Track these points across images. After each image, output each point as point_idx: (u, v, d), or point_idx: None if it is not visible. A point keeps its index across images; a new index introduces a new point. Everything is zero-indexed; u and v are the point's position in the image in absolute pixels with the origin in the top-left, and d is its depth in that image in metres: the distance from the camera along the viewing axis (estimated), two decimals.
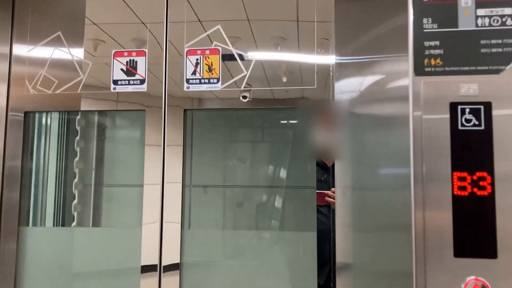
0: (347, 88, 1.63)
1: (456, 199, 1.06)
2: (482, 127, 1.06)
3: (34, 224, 2.16)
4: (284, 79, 1.89)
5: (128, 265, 2.04)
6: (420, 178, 1.08)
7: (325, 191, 1.77)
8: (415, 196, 1.08)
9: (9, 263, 1.98)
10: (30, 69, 2.04)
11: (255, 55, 1.91)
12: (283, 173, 2.15)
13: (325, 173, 1.93)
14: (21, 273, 2.03)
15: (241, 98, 1.90)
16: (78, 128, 2.27)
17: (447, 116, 1.09)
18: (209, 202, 2.17)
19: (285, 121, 2.21)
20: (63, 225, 2.24)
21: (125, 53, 2.00)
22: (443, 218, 1.07)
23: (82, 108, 2.04)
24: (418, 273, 1.06)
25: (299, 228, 2.08)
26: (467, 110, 1.07)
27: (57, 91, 2.01)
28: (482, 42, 1.07)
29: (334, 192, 1.69)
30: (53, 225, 2.22)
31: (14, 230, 1.99)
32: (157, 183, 1.93)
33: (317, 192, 1.88)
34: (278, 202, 2.14)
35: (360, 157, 1.45)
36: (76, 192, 2.24)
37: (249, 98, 1.89)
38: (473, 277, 1.06)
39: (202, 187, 2.14)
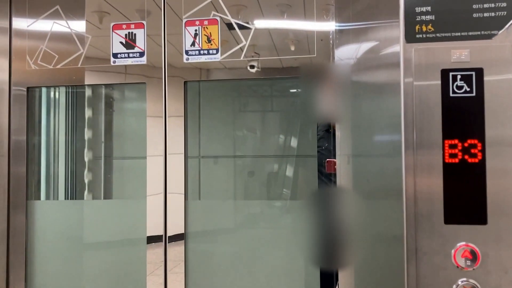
0: (346, 55, 1.62)
1: (447, 167, 1.07)
2: (474, 94, 1.05)
3: (42, 198, 2.20)
4: (292, 48, 1.87)
5: (134, 235, 2.08)
6: (411, 145, 1.08)
7: (334, 159, 1.78)
8: (406, 163, 1.08)
9: (19, 236, 2.02)
10: (31, 43, 2.04)
11: (255, 24, 1.89)
12: (293, 142, 2.15)
13: (328, 140, 1.93)
14: (31, 245, 2.09)
15: (248, 68, 1.88)
16: (84, 102, 2.28)
17: (438, 83, 1.08)
18: (218, 173, 2.18)
19: (293, 90, 2.20)
20: (70, 198, 2.28)
21: (124, 26, 1.99)
22: (434, 185, 1.07)
23: (85, 82, 2.05)
24: (409, 238, 1.08)
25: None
26: (459, 77, 1.06)
27: (58, 66, 2.02)
28: (475, 6, 1.05)
29: None
30: (61, 198, 2.25)
31: (22, 203, 2.03)
32: (159, 155, 1.95)
33: (327, 161, 1.89)
34: (289, 171, 2.15)
35: (357, 124, 1.44)
36: (83, 165, 2.27)
37: (258, 68, 1.88)
38: (463, 243, 1.07)
39: (212, 157, 2.16)
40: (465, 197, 1.06)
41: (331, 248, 1.71)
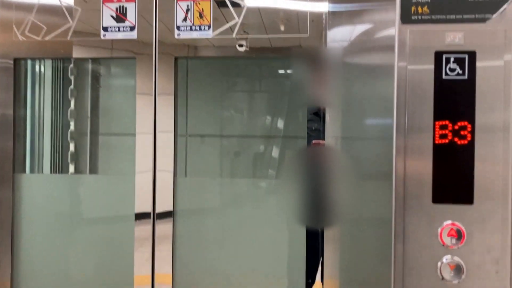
0: (339, 37, 1.62)
1: (437, 148, 1.09)
2: (466, 77, 1.07)
3: (29, 171, 2.18)
4: (282, 28, 1.86)
5: (123, 212, 2.09)
6: (403, 128, 1.10)
7: (321, 141, 1.79)
8: (396, 145, 1.10)
9: (5, 209, 2.01)
10: (18, 14, 1.99)
11: (247, 2, 1.87)
12: (280, 123, 2.16)
13: (317, 122, 1.94)
14: (17, 219, 2.08)
15: (237, 46, 1.87)
16: (71, 76, 2.25)
17: (432, 66, 1.09)
18: (205, 151, 2.19)
19: (282, 71, 2.20)
20: (58, 172, 2.27)
21: None
22: (423, 166, 1.09)
23: (73, 56, 2.02)
24: (397, 217, 1.10)
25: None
26: (452, 59, 1.07)
27: (47, 38, 1.99)
28: None
29: None
30: (49, 172, 2.24)
31: (9, 177, 2.01)
32: (149, 132, 1.94)
33: (313, 142, 1.90)
34: (275, 152, 2.16)
35: (348, 106, 1.46)
36: (71, 140, 2.25)
37: (246, 47, 1.87)
38: (449, 221, 1.10)
39: (198, 136, 2.16)
40: (453, 177, 1.08)
41: (317, 227, 1.74)
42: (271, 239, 2.00)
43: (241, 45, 1.86)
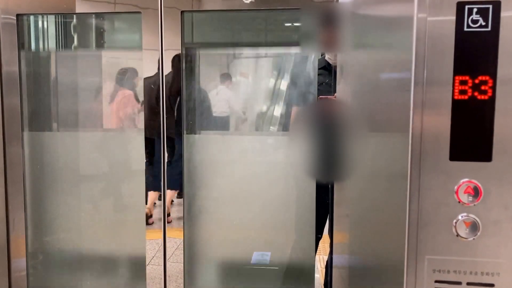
0: None
1: (456, 103, 1.05)
2: (489, 28, 1.02)
3: (38, 129, 2.17)
4: None
5: (133, 167, 2.10)
6: (421, 81, 1.06)
7: (330, 96, 1.76)
8: (414, 99, 1.07)
9: (16, 167, 2.02)
10: None
11: None
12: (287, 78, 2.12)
13: (328, 77, 1.90)
14: (29, 177, 2.09)
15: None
16: (75, 32, 2.20)
17: (453, 17, 1.04)
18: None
19: (290, 24, 2.13)
20: (66, 130, 2.26)
21: None
22: (441, 122, 1.06)
23: (77, 11, 1.96)
24: (413, 174, 1.09)
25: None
26: (475, 10, 1.02)
27: None
28: None
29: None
30: (57, 130, 2.23)
31: (18, 135, 2.01)
32: None
33: (319, 98, 1.87)
34: (283, 108, 2.13)
35: (362, 59, 1.41)
36: (77, 96, 2.23)
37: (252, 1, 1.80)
38: (466, 179, 1.08)
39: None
40: (472, 134, 1.06)
41: (327, 181, 1.74)
42: (281, 194, 2.01)
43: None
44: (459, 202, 1.09)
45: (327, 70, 1.94)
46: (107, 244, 2.18)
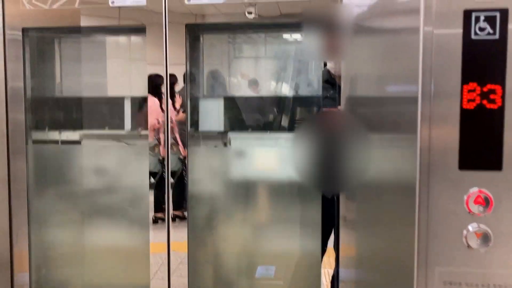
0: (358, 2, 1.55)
1: (464, 112, 1.04)
2: (497, 36, 1.01)
3: (42, 142, 2.17)
4: None
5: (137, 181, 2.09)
6: (428, 93, 1.05)
7: (334, 108, 1.75)
8: (422, 111, 1.05)
9: (20, 181, 2.01)
10: None
11: None
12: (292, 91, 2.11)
13: (331, 89, 1.90)
14: (32, 189, 2.08)
15: (246, 14, 1.81)
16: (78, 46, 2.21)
17: (460, 27, 1.03)
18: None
19: (295, 36, 2.13)
20: (70, 143, 2.25)
21: None
22: (449, 132, 1.05)
23: (82, 24, 1.97)
24: (421, 185, 1.07)
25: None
26: (482, 18, 1.01)
27: (54, 6, 1.94)
28: None
29: None
30: (60, 142, 2.23)
31: (22, 148, 2.00)
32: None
33: (324, 110, 1.86)
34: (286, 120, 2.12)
35: (365, 72, 1.41)
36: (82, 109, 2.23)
37: (255, 15, 1.81)
38: (476, 188, 1.07)
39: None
40: (481, 143, 1.04)
41: (333, 193, 1.72)
42: (286, 206, 1.99)
43: (250, 12, 1.81)
44: (469, 212, 1.07)
45: (329, 84, 1.94)
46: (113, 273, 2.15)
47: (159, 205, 1.95)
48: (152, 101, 1.93)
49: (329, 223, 1.81)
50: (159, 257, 1.92)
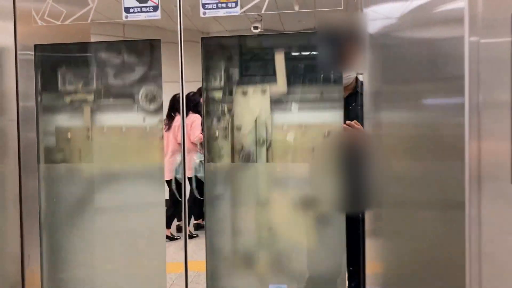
0: (382, 11, 1.52)
1: None
2: None
3: (53, 161, 2.11)
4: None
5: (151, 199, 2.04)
6: (475, 104, 1.00)
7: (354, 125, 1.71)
8: (470, 125, 1.01)
9: (32, 200, 1.95)
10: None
11: None
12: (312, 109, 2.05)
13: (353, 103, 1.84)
14: (45, 209, 2.03)
15: (252, 29, 1.78)
16: (91, 62, 2.16)
17: (509, 35, 0.99)
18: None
19: (313, 50, 2.07)
20: (83, 162, 2.19)
21: None
22: (500, 146, 1.00)
23: (93, 40, 1.93)
24: (471, 202, 1.02)
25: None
26: None
27: (67, 22, 1.90)
28: None
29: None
30: (73, 162, 2.17)
31: (34, 168, 1.95)
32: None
33: (343, 126, 1.79)
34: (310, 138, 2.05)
35: (395, 85, 1.36)
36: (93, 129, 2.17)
37: (261, 29, 1.77)
38: None
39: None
40: None
41: (358, 212, 1.67)
42: (309, 226, 1.93)
43: (256, 28, 1.77)
44: None
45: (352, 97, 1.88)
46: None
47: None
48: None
49: (354, 242, 1.76)
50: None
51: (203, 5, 1.83)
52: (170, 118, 1.93)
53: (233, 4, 1.81)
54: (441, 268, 1.16)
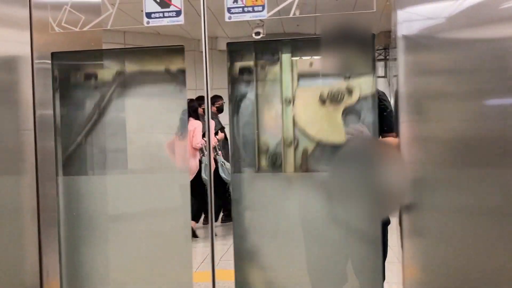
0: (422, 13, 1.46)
1: None
2: None
3: (72, 173, 2.04)
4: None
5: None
6: None
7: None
8: None
9: (50, 213, 1.89)
10: (54, 4, 1.83)
11: None
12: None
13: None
14: (63, 222, 1.96)
15: (253, 35, 1.71)
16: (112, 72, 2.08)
17: None
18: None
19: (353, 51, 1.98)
20: (103, 174, 2.10)
21: None
22: None
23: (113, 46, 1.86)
24: None
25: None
26: None
27: (85, 28, 1.83)
28: None
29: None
30: (92, 173, 2.09)
31: (52, 179, 1.88)
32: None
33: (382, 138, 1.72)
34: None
35: (451, 90, 1.30)
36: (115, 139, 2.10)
37: (263, 34, 1.70)
38: None
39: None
40: None
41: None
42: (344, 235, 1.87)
43: (257, 33, 1.71)
44: None
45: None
46: None
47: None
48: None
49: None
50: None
51: (228, 9, 1.75)
52: None
53: (260, 8, 1.74)
54: (494, 275, 1.10)
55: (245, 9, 1.75)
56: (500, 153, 1.09)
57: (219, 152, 1.92)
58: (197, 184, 1.87)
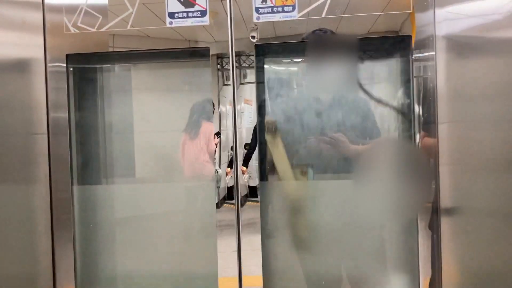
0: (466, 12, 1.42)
1: None
2: None
3: (88, 182, 1.93)
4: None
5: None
6: None
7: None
8: None
9: (64, 224, 1.79)
10: (69, 2, 1.72)
11: None
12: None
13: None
14: (79, 236, 1.86)
15: (250, 38, 1.65)
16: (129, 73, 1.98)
17: None
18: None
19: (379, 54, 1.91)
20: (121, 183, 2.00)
21: None
22: None
23: (133, 47, 1.76)
24: None
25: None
26: None
27: (103, 29, 1.72)
28: None
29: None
30: (110, 183, 1.99)
31: (67, 189, 1.79)
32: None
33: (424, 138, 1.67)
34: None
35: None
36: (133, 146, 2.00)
37: (257, 39, 1.64)
38: None
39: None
40: None
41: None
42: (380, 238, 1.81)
43: (253, 37, 1.64)
44: None
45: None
46: None
47: None
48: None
49: None
50: None
51: (257, 9, 1.67)
52: None
53: (290, 8, 1.66)
54: None
55: (275, 9, 1.66)
56: None
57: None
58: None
